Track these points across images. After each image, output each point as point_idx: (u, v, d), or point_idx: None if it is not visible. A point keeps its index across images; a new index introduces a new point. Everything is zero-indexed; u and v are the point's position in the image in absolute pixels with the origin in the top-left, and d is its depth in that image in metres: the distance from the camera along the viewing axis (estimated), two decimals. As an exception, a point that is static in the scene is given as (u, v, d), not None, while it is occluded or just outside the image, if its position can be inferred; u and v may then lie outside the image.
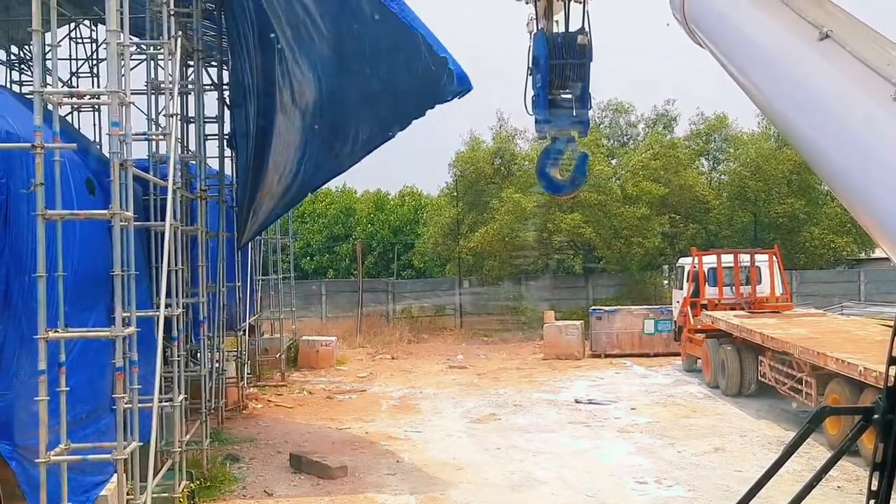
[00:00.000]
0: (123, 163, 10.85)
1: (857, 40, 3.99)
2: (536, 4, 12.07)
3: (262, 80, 17.32)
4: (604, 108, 41.77)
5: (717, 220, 40.06)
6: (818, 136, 4.10)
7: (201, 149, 17.67)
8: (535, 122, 11.86)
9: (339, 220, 46.75)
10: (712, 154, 43.17)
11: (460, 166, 40.15)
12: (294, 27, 15.68)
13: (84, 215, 11.02)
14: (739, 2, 5.00)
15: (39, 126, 9.89)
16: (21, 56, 20.37)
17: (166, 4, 13.80)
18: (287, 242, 31.20)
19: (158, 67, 15.60)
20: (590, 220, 36.88)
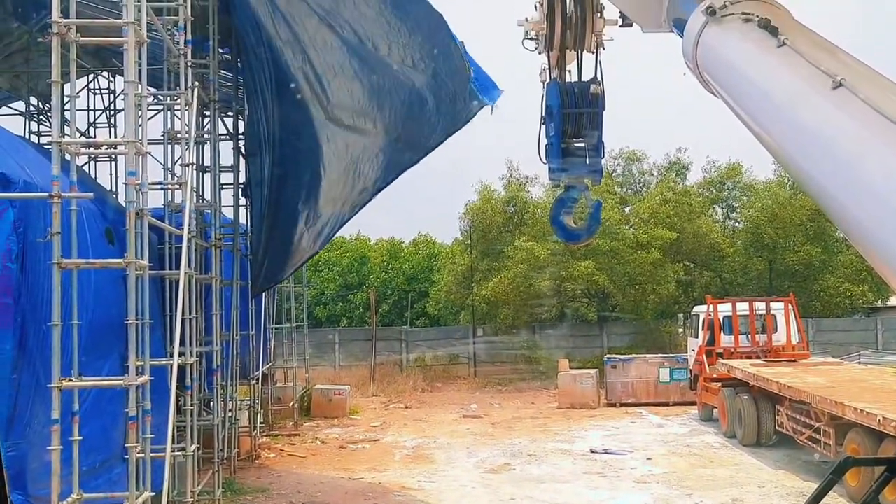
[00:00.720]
0: (139, 212, 10.93)
1: (870, 89, 3.99)
2: (549, 54, 12.19)
3: (279, 128, 17.47)
4: (616, 156, 41.90)
5: (732, 268, 39.91)
6: (833, 185, 4.09)
7: (216, 198, 17.79)
8: (548, 171, 11.91)
9: (352, 268, 46.81)
10: (726, 202, 43.15)
11: (472, 217, 40.26)
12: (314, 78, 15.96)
13: (100, 264, 11.07)
14: (751, 50, 5.02)
15: (57, 176, 10.00)
16: (40, 107, 20.65)
17: (184, 56, 14.00)
18: (301, 291, 31.21)
19: (175, 117, 15.79)
20: (603, 268, 36.79)
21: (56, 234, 9.91)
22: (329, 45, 16.16)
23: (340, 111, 16.80)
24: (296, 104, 16.64)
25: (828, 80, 4.13)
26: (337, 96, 16.56)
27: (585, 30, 11.44)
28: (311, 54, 16.36)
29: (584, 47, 11.63)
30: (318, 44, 16.20)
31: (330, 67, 16.35)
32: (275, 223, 18.41)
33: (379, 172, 17.42)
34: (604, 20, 11.44)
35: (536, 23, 12.07)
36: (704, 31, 5.49)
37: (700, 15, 5.56)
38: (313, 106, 16.68)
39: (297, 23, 16.08)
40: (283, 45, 16.27)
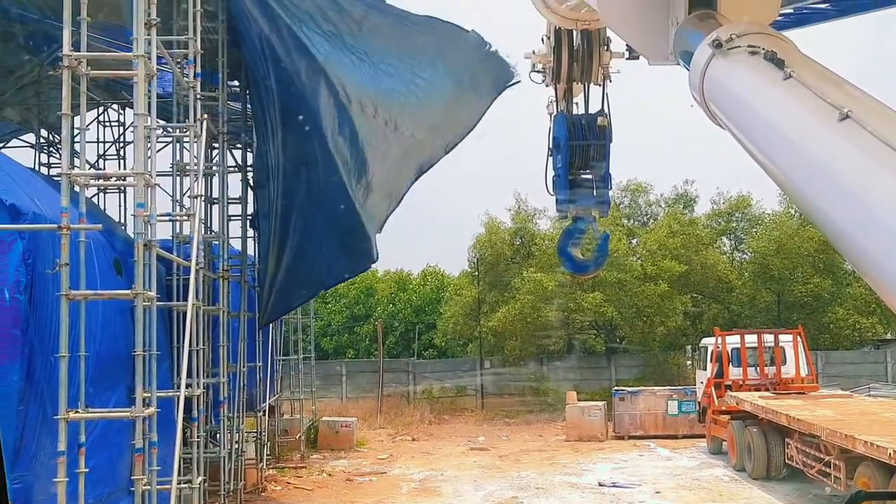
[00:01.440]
0: (147, 243, 10.97)
1: (877, 121, 3.99)
2: (556, 87, 12.25)
3: (286, 160, 17.57)
4: (623, 188, 41.95)
5: (740, 300, 39.79)
6: (840, 216, 4.08)
7: (224, 229, 17.85)
8: (556, 203, 11.93)
9: (359, 299, 46.78)
10: (734, 233, 43.12)
11: (479, 249, 40.30)
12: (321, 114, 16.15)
13: (108, 295, 11.10)
14: (757, 83, 5.03)
15: (66, 207, 10.05)
16: (50, 139, 20.80)
17: (193, 89, 14.11)
18: (308, 322, 31.19)
19: (184, 149, 15.88)
20: (611, 299, 36.72)
21: (64, 266, 9.94)
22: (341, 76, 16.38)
23: (348, 145, 16.95)
24: (303, 136, 16.76)
25: (834, 112, 4.13)
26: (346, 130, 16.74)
27: (592, 62, 11.50)
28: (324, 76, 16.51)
29: (591, 80, 11.70)
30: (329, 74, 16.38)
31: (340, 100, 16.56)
32: (281, 255, 18.45)
33: (388, 206, 17.52)
34: (610, 53, 11.51)
35: (543, 56, 12.14)
36: (711, 64, 5.50)
37: (706, 48, 5.58)
38: (319, 139, 16.81)
39: (306, 54, 16.22)
40: (291, 76, 16.39)
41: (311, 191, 17.75)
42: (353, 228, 17.94)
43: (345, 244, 18.43)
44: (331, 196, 17.60)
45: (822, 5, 9.98)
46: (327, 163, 17.27)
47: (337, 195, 17.59)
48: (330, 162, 17.23)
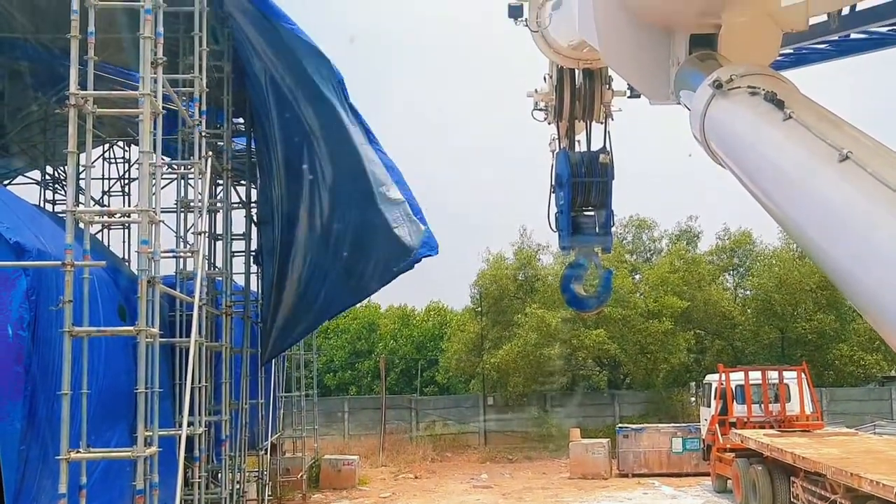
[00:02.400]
0: (151, 280, 10.98)
1: (877, 161, 4.02)
2: (558, 125, 12.34)
3: (287, 198, 17.66)
4: (626, 224, 42.02)
5: (744, 336, 39.69)
6: (842, 257, 4.10)
7: (228, 265, 17.87)
8: (558, 239, 11.97)
9: (362, 335, 46.69)
10: (737, 270, 43.12)
11: (483, 284, 40.29)
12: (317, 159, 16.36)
13: (110, 332, 11.10)
14: (758, 123, 5.07)
15: (70, 244, 10.09)
16: (55, 176, 20.91)
17: (198, 126, 14.21)
18: (310, 358, 31.11)
19: (188, 186, 15.95)
20: (615, 336, 36.66)
21: (68, 303, 9.96)
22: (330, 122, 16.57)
23: (340, 184, 17.11)
24: (301, 174, 16.90)
25: (834, 153, 4.16)
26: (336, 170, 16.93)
27: (594, 101, 11.60)
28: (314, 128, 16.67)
29: (592, 118, 11.79)
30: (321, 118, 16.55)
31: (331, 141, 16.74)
32: (285, 290, 18.47)
33: (392, 248, 17.56)
34: (612, 91, 11.60)
35: (546, 94, 12.25)
36: (711, 104, 5.55)
37: (707, 88, 5.63)
38: (314, 177, 16.96)
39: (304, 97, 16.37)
40: (290, 116, 16.54)
41: (314, 226, 17.81)
42: (355, 263, 17.96)
43: (348, 278, 18.44)
44: (333, 231, 17.65)
45: (822, 45, 10.06)
46: (329, 198, 17.35)
47: (339, 230, 17.64)
48: (331, 198, 17.32)
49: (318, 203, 17.49)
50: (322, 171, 17.11)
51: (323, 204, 17.35)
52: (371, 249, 17.53)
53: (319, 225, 17.74)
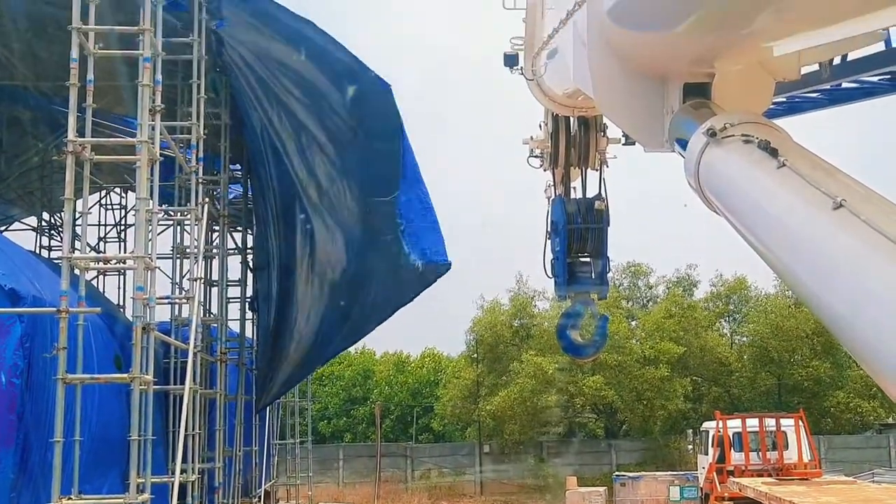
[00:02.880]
0: (146, 326, 10.94)
1: (870, 209, 4.04)
2: (554, 171, 12.40)
3: (284, 246, 17.66)
4: (623, 270, 42.10)
5: (740, 383, 39.59)
6: (837, 305, 4.10)
7: (223, 312, 17.82)
8: (554, 285, 11.97)
9: (357, 382, 46.47)
10: (732, 316, 43.14)
11: (478, 331, 40.23)
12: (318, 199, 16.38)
13: (104, 379, 11.03)
14: (752, 171, 5.11)
15: (66, 291, 10.06)
16: (52, 222, 20.93)
17: (195, 173, 14.25)
18: (305, 405, 30.87)
19: (185, 232, 15.96)
20: (611, 383, 36.54)
21: (62, 350, 9.91)
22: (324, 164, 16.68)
23: (339, 232, 17.16)
24: (297, 223, 16.93)
25: (828, 201, 4.18)
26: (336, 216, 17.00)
27: (589, 148, 11.68)
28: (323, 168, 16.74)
29: (588, 165, 11.86)
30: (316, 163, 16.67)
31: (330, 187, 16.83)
32: (281, 336, 18.38)
33: (389, 293, 17.61)
34: (607, 138, 11.69)
35: (541, 141, 12.33)
36: (706, 152, 5.59)
37: (701, 136, 5.67)
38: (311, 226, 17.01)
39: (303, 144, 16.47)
40: (289, 162, 16.61)
41: (310, 274, 17.79)
42: (351, 308, 17.92)
43: (343, 322, 18.38)
44: (329, 279, 17.66)
45: (814, 94, 10.18)
46: (325, 246, 17.37)
47: (336, 278, 17.65)
48: (328, 246, 17.34)
49: (315, 251, 17.50)
50: (319, 219, 17.15)
51: (319, 252, 17.36)
52: (367, 294, 17.51)
53: (316, 272, 17.73)
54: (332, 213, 16.72)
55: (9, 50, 15.40)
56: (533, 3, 10.99)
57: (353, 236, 17.07)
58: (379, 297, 17.58)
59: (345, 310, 17.80)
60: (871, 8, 4.73)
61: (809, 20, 5.22)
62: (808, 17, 5.14)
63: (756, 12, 5.19)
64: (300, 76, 15.79)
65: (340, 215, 16.77)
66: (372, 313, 17.78)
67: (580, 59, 7.54)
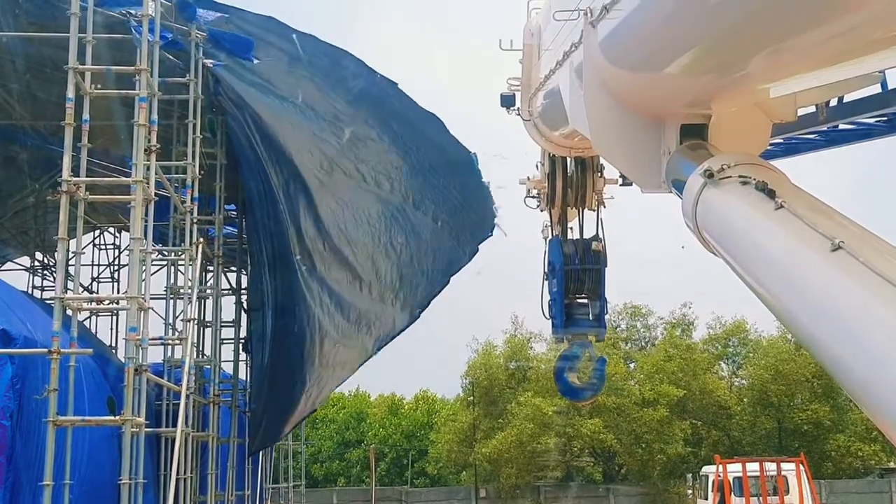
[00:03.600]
0: (138, 368, 10.81)
1: (868, 251, 4.01)
2: (551, 212, 12.38)
3: (279, 288, 17.57)
4: (620, 312, 42.02)
5: (740, 426, 39.33)
6: (836, 346, 4.06)
7: (217, 353, 17.66)
8: (552, 327, 11.90)
9: (350, 424, 46.11)
10: (732, 358, 43.01)
11: (473, 374, 40.05)
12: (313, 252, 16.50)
13: (95, 422, 10.88)
14: (750, 213, 5.07)
15: (57, 332, 9.95)
16: (44, 262, 20.83)
17: (190, 213, 14.20)
18: (298, 448, 30.55)
19: (179, 272, 15.87)
20: (610, 426, 36.29)
21: (53, 391, 9.77)
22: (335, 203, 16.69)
23: (338, 271, 17.12)
24: (293, 265, 16.89)
25: (826, 243, 4.14)
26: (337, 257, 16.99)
27: (586, 189, 11.68)
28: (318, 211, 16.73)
29: (585, 205, 11.85)
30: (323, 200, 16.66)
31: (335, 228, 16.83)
32: (275, 379, 18.22)
33: (381, 331, 17.54)
34: (604, 179, 11.69)
35: (538, 181, 12.34)
36: (703, 193, 5.56)
37: (698, 177, 5.65)
38: (309, 266, 16.96)
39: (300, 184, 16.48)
40: (283, 204, 16.59)
41: (305, 317, 17.68)
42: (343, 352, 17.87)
43: (336, 367, 18.28)
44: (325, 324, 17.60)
45: (811, 136, 10.19)
46: (320, 289, 17.32)
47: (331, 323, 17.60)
48: (323, 288, 17.30)
49: (309, 293, 17.42)
50: (314, 263, 17.11)
51: (316, 294, 17.29)
52: (359, 335, 17.45)
53: (311, 316, 17.63)
54: (326, 255, 16.70)
55: (6, 90, 15.42)
56: (529, 44, 11.07)
57: (347, 282, 17.11)
58: (372, 336, 17.54)
59: (338, 355, 17.73)
60: (866, 51, 4.72)
61: (805, 63, 5.21)
62: (803, 60, 5.13)
63: (752, 55, 5.19)
64: (294, 121, 15.88)
65: (335, 258, 16.76)
66: (362, 355, 17.72)
67: (576, 99, 7.54)
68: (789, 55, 4.99)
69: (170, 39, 13.55)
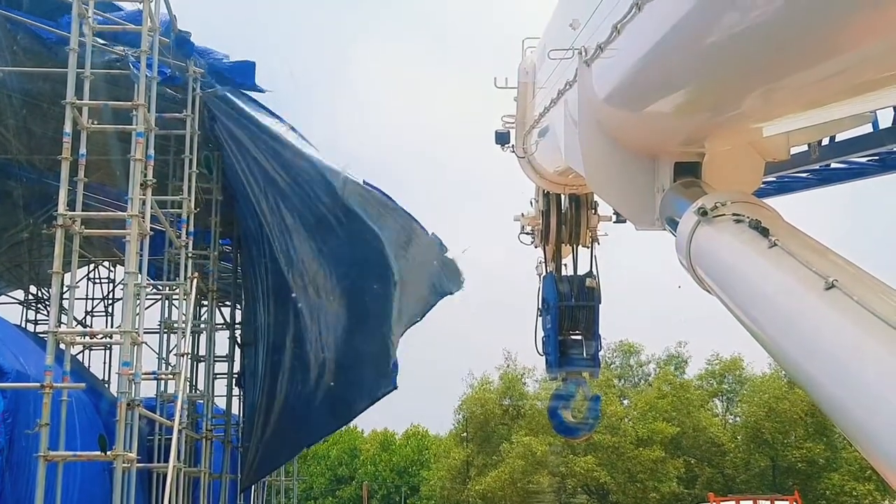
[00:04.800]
0: (131, 403, 10.76)
1: (863, 290, 4.02)
2: (545, 248, 12.40)
3: (274, 323, 17.54)
4: (615, 349, 41.95)
5: (734, 464, 39.12)
6: (829, 383, 4.06)
7: (210, 388, 17.59)
8: (546, 364, 11.87)
9: (343, 460, 45.79)
10: (726, 395, 42.90)
11: (467, 409, 39.85)
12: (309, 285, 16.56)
13: (87, 457, 10.80)
14: (743, 251, 5.09)
15: (50, 366, 9.91)
16: (38, 296, 20.77)
17: (185, 247, 14.20)
18: (290, 485, 30.26)
19: (173, 307, 15.84)
20: (604, 463, 36.07)
21: (44, 426, 9.71)
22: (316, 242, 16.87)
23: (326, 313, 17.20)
24: (288, 301, 16.92)
25: (820, 281, 4.16)
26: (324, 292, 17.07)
27: (580, 226, 11.70)
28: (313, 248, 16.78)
29: (579, 242, 11.87)
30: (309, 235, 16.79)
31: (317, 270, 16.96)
32: (268, 414, 18.12)
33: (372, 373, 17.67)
34: (598, 216, 11.72)
35: (532, 218, 12.37)
36: (697, 231, 5.58)
37: (692, 215, 5.67)
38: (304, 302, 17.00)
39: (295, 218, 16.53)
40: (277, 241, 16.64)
41: (300, 352, 17.65)
42: (340, 388, 17.78)
43: (332, 403, 18.18)
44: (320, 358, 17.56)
45: (804, 174, 10.26)
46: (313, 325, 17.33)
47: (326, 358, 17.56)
48: (318, 326, 17.31)
49: (305, 330, 17.42)
50: (307, 299, 17.13)
51: (309, 331, 17.28)
52: (356, 375, 17.45)
53: (304, 351, 17.59)
54: (320, 294, 16.77)
55: (3, 125, 15.47)
56: (524, 82, 11.15)
57: (339, 318, 17.14)
58: (368, 378, 17.56)
59: (334, 390, 17.67)
60: (858, 92, 4.78)
61: (798, 103, 5.26)
62: (796, 101, 5.19)
63: (746, 95, 5.24)
64: (287, 162, 16.01)
65: (328, 297, 16.82)
66: (361, 395, 17.70)
67: (571, 137, 7.59)
68: (782, 96, 5.05)
69: (168, 75, 13.65)
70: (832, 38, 3.97)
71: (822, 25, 3.89)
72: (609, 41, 6.10)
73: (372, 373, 17.56)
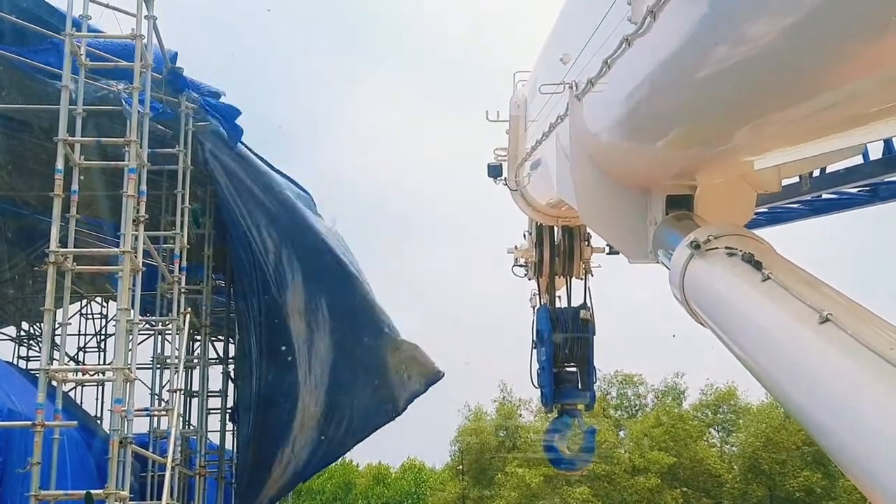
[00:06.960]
0: (123, 440, 10.66)
1: (857, 324, 4.01)
2: (539, 280, 12.40)
3: (267, 357, 17.48)
4: (611, 380, 41.91)
5: (732, 494, 38.95)
6: (824, 418, 4.05)
7: (203, 423, 17.45)
8: (540, 396, 11.82)
9: (337, 495, 45.42)
10: (723, 426, 42.80)
11: (463, 440, 39.69)
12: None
13: (78, 496, 10.68)
14: (737, 284, 5.09)
15: (42, 404, 9.83)
16: (30, 332, 20.66)
17: (178, 283, 14.14)
18: (285, 521, 29.97)
19: (166, 342, 15.76)
20: (599, 494, 35.87)
21: (36, 465, 9.62)
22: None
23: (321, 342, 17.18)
24: (281, 336, 16.90)
25: (814, 315, 4.15)
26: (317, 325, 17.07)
27: (573, 258, 11.72)
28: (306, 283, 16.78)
29: (573, 274, 11.88)
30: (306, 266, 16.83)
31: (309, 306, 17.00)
32: (259, 450, 17.98)
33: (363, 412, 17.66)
34: (591, 248, 11.74)
35: (525, 250, 12.37)
36: (690, 264, 5.58)
37: (685, 248, 5.68)
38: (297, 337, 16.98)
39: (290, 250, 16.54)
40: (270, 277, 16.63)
41: (287, 387, 17.58)
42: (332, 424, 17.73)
43: (324, 439, 18.08)
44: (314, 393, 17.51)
45: (795, 205, 10.30)
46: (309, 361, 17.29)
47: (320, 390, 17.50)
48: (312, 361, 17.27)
49: (299, 365, 17.37)
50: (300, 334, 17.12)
51: (303, 366, 17.24)
52: (348, 409, 17.41)
53: (297, 387, 17.53)
54: (312, 327, 16.77)
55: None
56: (516, 115, 11.21)
57: (332, 355, 17.15)
58: (358, 415, 17.55)
59: (326, 427, 17.62)
60: (848, 126, 4.80)
61: (789, 137, 5.29)
62: (787, 135, 5.21)
63: (737, 130, 5.26)
64: (279, 200, 16.12)
65: (322, 330, 16.81)
66: (351, 432, 17.67)
67: (563, 170, 7.61)
68: (773, 130, 5.07)
69: (160, 111, 13.68)
70: (822, 75, 4.00)
71: (811, 62, 3.92)
72: (600, 76, 6.14)
73: (369, 402, 17.46)
